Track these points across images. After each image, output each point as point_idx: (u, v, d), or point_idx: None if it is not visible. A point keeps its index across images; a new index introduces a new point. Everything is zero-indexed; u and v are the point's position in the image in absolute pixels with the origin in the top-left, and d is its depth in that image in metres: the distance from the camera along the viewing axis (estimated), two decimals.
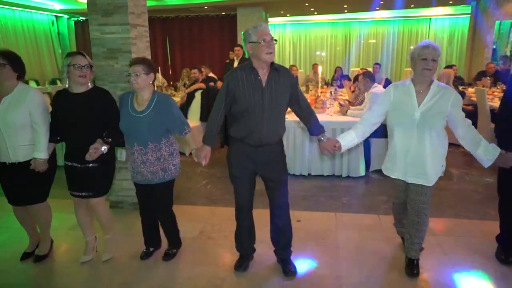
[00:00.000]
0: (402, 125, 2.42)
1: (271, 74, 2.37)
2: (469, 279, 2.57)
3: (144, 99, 2.58)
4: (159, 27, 12.38)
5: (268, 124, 2.40)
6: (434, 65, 2.31)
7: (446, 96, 2.36)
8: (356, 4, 10.83)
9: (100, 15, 3.41)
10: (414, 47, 2.41)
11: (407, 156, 2.44)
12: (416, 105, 2.37)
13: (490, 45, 9.26)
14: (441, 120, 2.37)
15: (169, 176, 2.69)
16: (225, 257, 2.92)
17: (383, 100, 2.52)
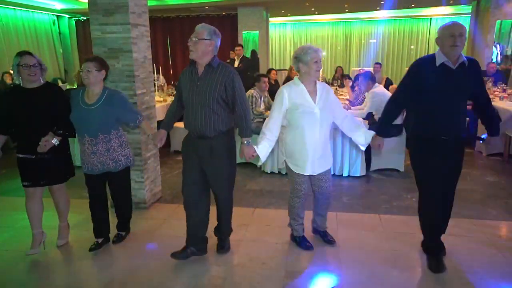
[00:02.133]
0: (307, 123, 2.64)
1: (205, 70, 2.53)
2: (469, 279, 2.57)
3: (94, 94, 2.77)
4: (160, 27, 12.38)
5: (203, 116, 2.54)
6: (321, 65, 2.66)
7: (327, 90, 2.73)
8: (357, 4, 10.82)
9: (101, 14, 3.41)
10: (302, 51, 2.61)
11: (316, 151, 2.69)
12: (313, 103, 2.64)
13: (491, 44, 9.25)
14: (331, 113, 2.73)
15: (121, 166, 2.90)
16: (226, 256, 2.92)
17: (279, 102, 2.69)
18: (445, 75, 2.43)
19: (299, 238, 2.99)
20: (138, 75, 3.53)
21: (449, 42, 2.37)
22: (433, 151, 2.53)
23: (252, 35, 10.83)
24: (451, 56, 2.41)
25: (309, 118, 2.64)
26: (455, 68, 2.43)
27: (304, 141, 2.68)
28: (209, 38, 2.49)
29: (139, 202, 3.78)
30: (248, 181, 4.56)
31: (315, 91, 2.68)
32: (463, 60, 2.42)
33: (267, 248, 2.99)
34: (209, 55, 2.52)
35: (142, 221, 3.53)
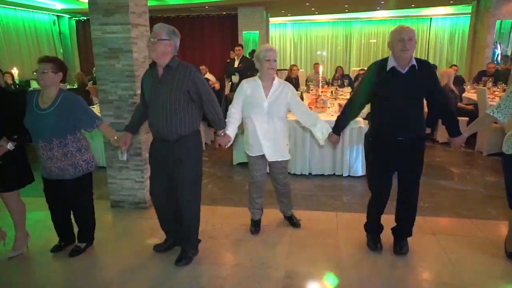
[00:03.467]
0: (255, 114, 2.90)
1: (165, 72, 2.51)
2: (469, 279, 2.57)
3: (49, 97, 2.67)
4: None
5: (164, 119, 2.50)
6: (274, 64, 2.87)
7: (285, 90, 2.95)
8: (357, 4, 10.82)
9: (101, 14, 3.41)
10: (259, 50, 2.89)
11: (265, 137, 2.92)
12: (264, 96, 2.88)
13: (491, 44, 9.25)
14: (284, 108, 2.96)
15: (80, 171, 2.76)
16: (226, 257, 2.92)
17: (239, 92, 2.96)
18: (394, 79, 2.50)
19: (253, 221, 3.26)
20: (138, 75, 3.53)
21: (398, 46, 2.44)
22: (388, 151, 2.63)
23: (252, 35, 10.84)
24: (401, 60, 2.48)
25: (258, 109, 2.88)
26: (404, 72, 2.49)
27: (254, 128, 2.92)
28: (168, 38, 2.46)
29: (139, 202, 3.78)
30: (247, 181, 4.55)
31: (270, 87, 2.91)
32: (413, 64, 2.48)
33: (267, 248, 2.99)
34: (168, 55, 2.49)
35: (142, 221, 3.53)
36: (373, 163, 2.79)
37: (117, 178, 3.77)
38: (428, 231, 3.20)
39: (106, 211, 3.78)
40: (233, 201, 3.96)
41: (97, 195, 4.17)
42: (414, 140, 2.60)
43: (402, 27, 2.48)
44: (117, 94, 3.55)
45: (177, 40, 2.55)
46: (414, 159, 2.65)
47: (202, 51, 12.25)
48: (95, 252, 2.96)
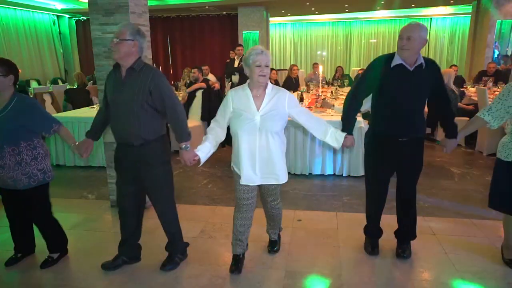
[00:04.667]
0: (244, 130, 2.39)
1: (128, 74, 2.39)
2: (469, 279, 2.57)
3: (2, 101, 2.48)
4: (160, 27, 12.39)
5: (127, 124, 2.40)
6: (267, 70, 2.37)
7: (281, 98, 2.42)
8: (357, 4, 10.82)
9: (101, 14, 3.41)
10: (247, 53, 2.41)
11: (253, 160, 2.42)
12: (255, 109, 2.38)
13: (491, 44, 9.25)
14: (280, 121, 2.42)
15: (36, 182, 2.57)
16: (226, 256, 2.92)
17: (224, 105, 2.48)
18: (400, 76, 2.43)
19: (233, 256, 2.68)
20: None
21: (398, 44, 2.41)
22: (389, 152, 2.58)
23: (252, 35, 10.85)
24: (405, 58, 2.41)
25: (248, 126, 2.37)
26: (412, 69, 2.42)
27: (240, 148, 2.42)
28: (132, 38, 2.34)
29: None
30: None
31: (262, 97, 2.41)
32: (421, 62, 2.43)
33: (264, 247, 2.98)
34: (132, 56, 2.36)
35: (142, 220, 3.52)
36: (372, 164, 2.73)
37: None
38: (429, 231, 3.20)
39: (106, 211, 3.78)
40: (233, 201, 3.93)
41: (97, 195, 4.20)
42: (415, 140, 2.55)
43: (408, 25, 2.41)
44: None
45: (142, 41, 2.41)
46: (414, 160, 2.61)
47: (202, 51, 12.26)
48: (96, 253, 2.95)
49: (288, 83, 7.60)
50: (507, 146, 2.49)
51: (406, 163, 2.61)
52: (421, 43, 2.39)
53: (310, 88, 7.20)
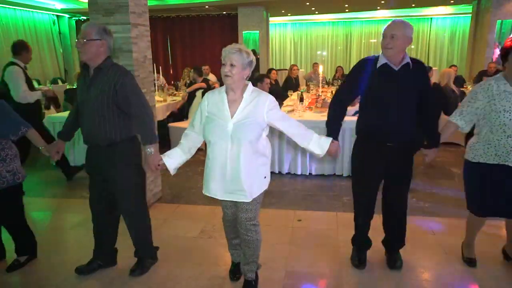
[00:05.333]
0: (215, 138, 2.14)
1: (95, 73, 2.34)
2: (469, 279, 2.57)
3: None
4: (160, 27, 12.39)
5: (95, 124, 2.35)
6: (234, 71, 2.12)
7: (259, 103, 2.15)
8: (357, 4, 10.81)
9: (101, 14, 3.41)
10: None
11: (223, 172, 2.16)
12: (228, 115, 2.13)
13: (491, 44, 9.25)
14: (257, 129, 2.14)
15: (4, 183, 2.52)
16: (226, 257, 2.92)
17: (199, 109, 2.26)
18: (386, 77, 2.31)
19: (232, 264, 2.64)
20: (138, 75, 3.52)
21: (382, 43, 2.31)
22: (376, 157, 2.43)
23: (252, 35, 10.84)
24: (389, 58, 2.30)
25: (219, 133, 2.12)
26: (397, 69, 2.31)
27: (210, 157, 2.20)
28: (99, 38, 2.28)
29: None
30: None
31: (239, 101, 2.15)
32: (407, 62, 2.31)
33: (267, 248, 2.98)
34: (101, 56, 2.31)
35: None
36: (359, 170, 2.57)
37: None
38: (428, 231, 3.20)
39: None
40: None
41: None
42: (404, 145, 2.42)
43: (391, 23, 2.30)
44: None
45: (110, 40, 2.35)
46: (401, 167, 2.47)
47: (202, 51, 12.25)
48: None
49: (288, 83, 7.59)
50: (474, 147, 2.46)
51: (393, 170, 2.46)
52: (406, 42, 2.27)
53: (310, 88, 7.20)
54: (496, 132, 2.33)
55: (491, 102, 2.32)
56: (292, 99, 5.99)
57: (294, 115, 4.74)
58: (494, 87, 2.32)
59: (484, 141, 2.40)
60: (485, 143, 2.39)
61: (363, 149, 2.50)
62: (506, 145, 2.30)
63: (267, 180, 2.29)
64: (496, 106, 2.30)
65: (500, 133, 2.31)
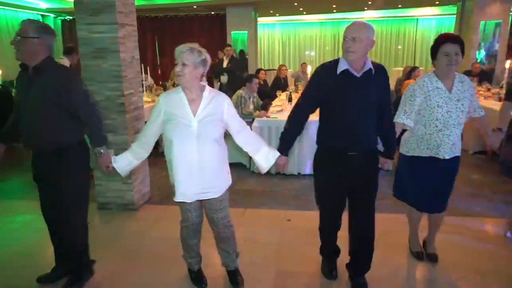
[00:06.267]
0: (180, 137, 2.12)
1: (34, 74, 2.20)
2: (455, 274, 2.61)
3: None
4: (148, 27, 12.29)
5: (35, 128, 2.23)
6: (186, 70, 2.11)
7: (219, 102, 2.20)
8: (345, 4, 10.90)
9: (87, 14, 3.37)
10: None
11: (191, 172, 2.16)
12: (191, 114, 2.13)
13: (476, 45, 9.42)
14: (219, 127, 2.20)
15: None
16: (216, 257, 2.91)
17: (154, 111, 2.21)
18: (347, 83, 2.16)
19: (193, 273, 2.59)
20: (125, 75, 3.49)
21: (343, 46, 2.16)
22: (339, 169, 2.27)
23: (241, 35, 10.83)
24: (351, 62, 2.14)
25: (184, 132, 2.11)
26: (359, 76, 2.16)
27: (175, 158, 2.14)
28: (37, 35, 2.16)
29: (128, 203, 3.74)
30: (238, 181, 4.55)
31: (198, 101, 2.16)
32: (369, 68, 2.16)
33: (257, 248, 2.99)
34: (38, 56, 2.18)
35: (131, 222, 3.50)
36: (322, 183, 2.40)
37: (103, 180, 3.73)
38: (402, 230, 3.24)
39: (93, 213, 3.72)
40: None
41: None
42: (365, 155, 2.27)
43: (352, 24, 2.17)
44: (104, 94, 3.51)
45: (50, 39, 2.22)
46: (367, 178, 2.31)
47: None
48: None
49: (277, 83, 7.61)
50: (408, 141, 2.56)
51: (358, 181, 2.30)
52: (369, 45, 2.13)
53: (298, 88, 7.23)
54: (429, 126, 2.42)
55: (427, 98, 2.40)
56: (281, 99, 6.01)
57: (283, 115, 4.76)
58: (428, 84, 2.41)
59: (418, 135, 2.49)
60: (418, 138, 2.48)
61: (325, 161, 2.34)
62: (437, 139, 2.41)
63: (230, 176, 2.37)
64: (431, 102, 2.38)
65: (433, 127, 2.41)
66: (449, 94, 2.37)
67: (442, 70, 2.37)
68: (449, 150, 2.42)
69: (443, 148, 2.41)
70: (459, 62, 2.32)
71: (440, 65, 2.36)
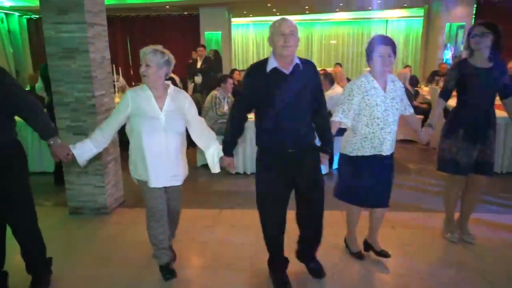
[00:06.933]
0: (149, 129, 2.33)
1: None
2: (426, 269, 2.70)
3: None
4: (119, 27, 12.04)
5: None
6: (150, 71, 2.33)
7: (182, 99, 2.46)
8: (317, 6, 11.07)
9: (54, 13, 3.26)
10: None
11: (160, 161, 2.37)
12: (158, 109, 2.36)
13: (442, 46, 9.79)
14: (182, 121, 2.47)
15: None
16: (193, 259, 2.89)
17: (121, 105, 2.37)
18: (278, 81, 2.18)
19: (162, 266, 2.57)
20: (96, 76, 3.41)
21: (280, 41, 2.16)
22: (280, 167, 2.28)
23: (214, 36, 10.80)
24: (282, 58, 2.18)
25: (153, 125, 2.33)
26: (288, 72, 2.19)
27: (145, 150, 2.34)
28: None
29: (100, 207, 3.65)
30: (213, 182, 4.53)
31: (164, 97, 2.39)
32: (297, 63, 2.20)
33: (233, 249, 2.98)
34: None
35: (104, 227, 3.42)
36: (262, 184, 2.36)
37: (75, 184, 3.62)
38: (388, 225, 3.33)
39: (65, 218, 3.62)
40: (198, 203, 3.92)
41: (54, 202, 4.01)
42: (306, 150, 2.33)
43: (284, 20, 2.20)
44: (74, 95, 3.41)
45: None
46: (309, 172, 2.36)
47: None
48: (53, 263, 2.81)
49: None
50: (351, 141, 2.61)
51: (302, 176, 2.34)
52: (298, 41, 2.22)
53: None
54: (371, 125, 2.49)
55: (365, 98, 2.48)
56: None
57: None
58: (365, 84, 2.50)
59: (361, 135, 2.53)
60: (362, 137, 2.53)
61: (266, 161, 2.33)
62: (380, 137, 2.48)
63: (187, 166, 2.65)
64: (370, 101, 2.46)
65: (375, 126, 2.48)
66: (384, 93, 2.47)
67: (377, 71, 2.48)
68: (389, 146, 2.52)
69: (385, 145, 2.50)
70: (392, 63, 2.45)
71: (375, 66, 2.47)
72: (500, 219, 3.43)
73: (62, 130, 3.47)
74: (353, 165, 2.61)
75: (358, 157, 2.56)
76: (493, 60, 2.69)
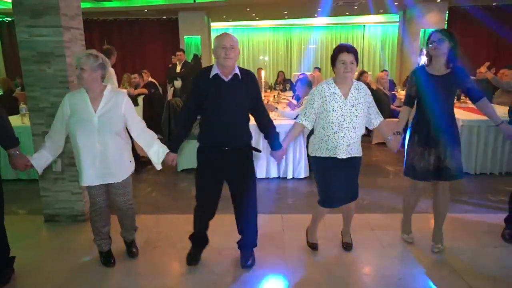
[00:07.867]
0: (82, 131, 2.46)
1: None
2: (405, 270, 2.75)
3: None
4: (97, 30, 11.85)
5: None
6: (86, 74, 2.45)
7: (118, 101, 2.56)
8: (295, 11, 11.19)
9: (28, 16, 3.18)
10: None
11: (94, 160, 2.51)
12: (92, 111, 2.48)
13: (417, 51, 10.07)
14: (119, 122, 2.56)
15: None
16: (173, 266, 2.85)
17: (60, 109, 2.54)
18: (218, 87, 2.46)
19: (102, 253, 2.81)
20: (72, 80, 3.34)
21: (221, 53, 2.41)
22: (215, 162, 2.57)
23: (194, 40, 10.76)
24: (223, 68, 2.45)
25: (85, 126, 2.46)
26: (227, 80, 2.47)
27: (79, 149, 2.49)
28: None
29: (77, 214, 3.56)
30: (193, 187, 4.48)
31: (99, 99, 2.51)
32: (236, 73, 2.48)
33: (214, 253, 2.96)
34: None
35: (80, 235, 3.33)
36: (200, 175, 2.67)
37: (51, 191, 3.52)
38: (367, 227, 3.38)
39: (40, 226, 3.51)
40: (178, 208, 3.88)
41: (29, 210, 3.88)
42: (240, 149, 2.59)
43: (225, 35, 2.47)
44: (49, 101, 3.33)
45: None
46: (241, 168, 2.63)
47: (142, 56, 11.91)
48: (28, 273, 2.73)
49: None
50: (312, 142, 2.77)
51: (234, 170, 2.62)
52: (238, 53, 2.51)
53: None
54: (326, 129, 2.60)
55: (324, 103, 2.59)
56: None
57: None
58: (326, 90, 2.60)
59: (318, 137, 2.67)
60: (319, 139, 2.67)
61: (204, 156, 2.62)
62: (334, 140, 2.59)
63: (132, 164, 2.74)
64: (327, 106, 2.57)
65: (330, 129, 2.59)
66: (344, 100, 2.57)
67: (339, 77, 2.57)
68: (345, 150, 2.60)
69: (339, 149, 2.59)
70: (353, 69, 2.53)
71: (338, 72, 2.56)
72: (474, 219, 3.54)
73: (37, 136, 3.38)
74: (316, 165, 2.78)
75: (317, 158, 2.71)
76: (450, 67, 2.73)
